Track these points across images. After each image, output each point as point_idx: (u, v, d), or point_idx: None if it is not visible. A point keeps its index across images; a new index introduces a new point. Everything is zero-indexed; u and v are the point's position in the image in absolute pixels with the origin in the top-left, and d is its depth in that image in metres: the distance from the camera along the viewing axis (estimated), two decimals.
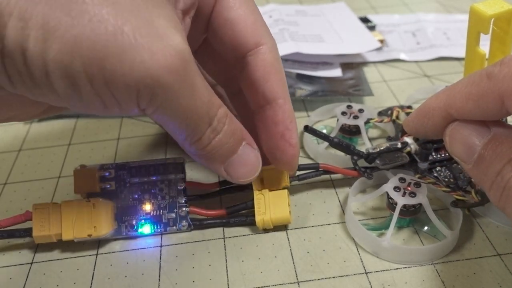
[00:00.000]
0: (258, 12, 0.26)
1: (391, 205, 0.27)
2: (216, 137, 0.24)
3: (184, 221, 0.28)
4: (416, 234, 0.28)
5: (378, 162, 0.29)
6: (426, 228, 0.28)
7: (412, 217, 0.27)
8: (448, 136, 0.22)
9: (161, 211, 0.28)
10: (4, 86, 0.20)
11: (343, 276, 0.25)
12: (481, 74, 0.20)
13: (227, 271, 0.26)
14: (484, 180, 0.21)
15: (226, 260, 0.27)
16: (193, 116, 0.22)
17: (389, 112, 0.34)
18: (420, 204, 0.27)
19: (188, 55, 0.21)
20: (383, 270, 0.26)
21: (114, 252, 0.28)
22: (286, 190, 0.28)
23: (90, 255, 0.27)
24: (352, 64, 0.43)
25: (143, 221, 0.28)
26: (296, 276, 0.26)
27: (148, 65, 0.20)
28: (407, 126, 0.25)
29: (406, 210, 0.27)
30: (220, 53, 0.27)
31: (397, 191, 0.27)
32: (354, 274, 0.26)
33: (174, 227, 0.28)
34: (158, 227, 0.28)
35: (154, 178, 0.29)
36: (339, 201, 0.30)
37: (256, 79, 0.26)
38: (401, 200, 0.26)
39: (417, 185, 0.27)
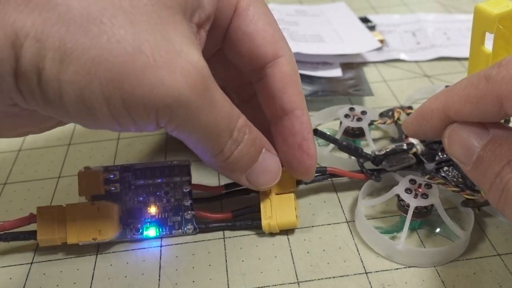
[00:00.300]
0: (276, 23, 0.26)
1: (403, 207, 0.27)
2: (237, 148, 0.24)
3: (189, 224, 0.28)
4: (427, 235, 0.27)
5: (385, 164, 0.29)
6: (438, 229, 0.27)
7: (423, 218, 0.27)
8: (446, 138, 0.22)
9: (167, 214, 0.28)
10: (18, 103, 0.20)
11: (343, 276, 0.25)
12: (479, 76, 0.20)
13: (227, 271, 0.26)
14: (483, 182, 0.20)
15: (226, 260, 0.27)
16: (214, 130, 0.22)
17: (390, 113, 0.34)
18: (432, 205, 0.26)
19: (207, 71, 0.21)
20: (383, 270, 0.26)
21: (114, 252, 0.28)
22: (292, 194, 0.28)
23: (90, 255, 0.27)
24: (352, 64, 0.43)
25: (148, 224, 0.28)
26: (296, 276, 0.26)
27: (168, 85, 0.20)
28: (406, 128, 0.25)
29: (418, 212, 0.26)
30: (234, 63, 0.27)
31: (409, 193, 0.26)
32: (354, 274, 0.26)
33: (180, 230, 0.28)
34: (164, 230, 0.28)
35: (159, 180, 0.28)
36: (339, 201, 0.30)
37: (274, 90, 0.26)
38: (413, 202, 0.26)
39: (428, 186, 0.27)
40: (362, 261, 0.26)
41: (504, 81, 0.19)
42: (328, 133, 0.33)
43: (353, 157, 0.31)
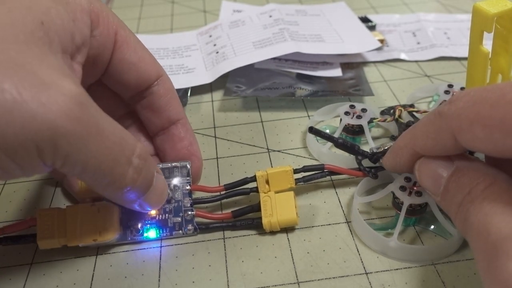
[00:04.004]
0: (148, 49, 0.29)
1: (397, 204, 0.27)
2: (139, 176, 0.23)
3: (190, 225, 0.28)
4: (421, 232, 0.28)
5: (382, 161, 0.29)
6: (432, 227, 0.28)
7: (418, 216, 0.27)
8: (417, 171, 0.24)
9: (167, 215, 0.28)
10: None
11: (343, 276, 0.25)
12: (435, 113, 0.21)
13: (227, 271, 0.26)
14: (450, 211, 0.21)
15: (226, 260, 0.27)
16: (108, 158, 0.21)
17: (392, 111, 0.34)
18: (426, 203, 0.27)
19: (85, 97, 0.20)
20: (383, 271, 0.26)
21: (114, 252, 0.28)
22: (292, 192, 0.28)
23: (90, 256, 0.27)
24: (352, 64, 0.43)
25: (148, 225, 0.28)
26: (296, 277, 0.26)
27: (41, 118, 0.18)
28: (385, 164, 0.27)
29: (412, 210, 0.27)
30: (114, 90, 0.29)
31: (403, 191, 0.27)
32: (354, 275, 0.25)
33: (180, 231, 0.28)
34: (164, 231, 0.28)
35: None
36: (339, 201, 0.30)
37: (160, 105, 0.29)
38: (407, 200, 0.26)
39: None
40: (362, 262, 0.26)
41: (454, 117, 0.20)
42: (327, 130, 0.33)
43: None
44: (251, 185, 0.29)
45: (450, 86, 0.35)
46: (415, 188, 0.27)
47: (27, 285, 0.26)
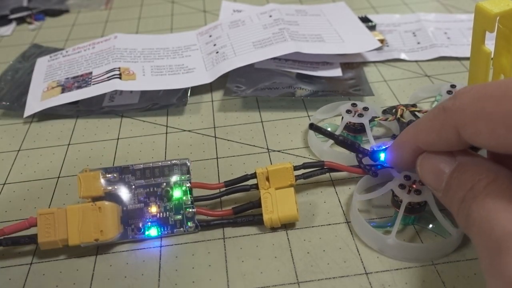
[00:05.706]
0: None
1: (396, 202, 0.27)
2: None
3: (191, 222, 0.28)
4: (421, 231, 0.28)
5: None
6: (431, 225, 0.28)
7: (417, 214, 0.27)
8: (419, 166, 0.24)
9: (168, 213, 0.28)
10: None
11: (343, 276, 0.25)
12: (439, 108, 0.21)
13: (227, 271, 0.26)
14: (452, 207, 0.21)
15: (226, 260, 0.27)
16: None
17: (394, 110, 0.34)
18: (425, 202, 0.27)
19: None
20: (383, 271, 0.26)
21: (113, 252, 0.28)
22: (292, 188, 0.28)
23: (89, 255, 0.27)
24: (353, 64, 0.43)
25: (149, 223, 0.28)
26: (296, 277, 0.26)
27: None
28: (386, 160, 0.27)
29: (411, 208, 0.27)
30: None
31: (402, 189, 0.27)
32: (354, 275, 0.25)
33: (181, 228, 0.28)
34: (165, 229, 0.28)
35: (159, 180, 0.28)
36: (339, 201, 0.30)
37: None
38: (406, 198, 0.26)
39: (422, 182, 0.27)
40: (362, 262, 0.26)
41: (458, 112, 0.20)
42: (329, 128, 0.33)
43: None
44: (251, 182, 0.29)
45: (453, 86, 0.35)
46: (414, 186, 0.27)
47: (27, 285, 0.26)
